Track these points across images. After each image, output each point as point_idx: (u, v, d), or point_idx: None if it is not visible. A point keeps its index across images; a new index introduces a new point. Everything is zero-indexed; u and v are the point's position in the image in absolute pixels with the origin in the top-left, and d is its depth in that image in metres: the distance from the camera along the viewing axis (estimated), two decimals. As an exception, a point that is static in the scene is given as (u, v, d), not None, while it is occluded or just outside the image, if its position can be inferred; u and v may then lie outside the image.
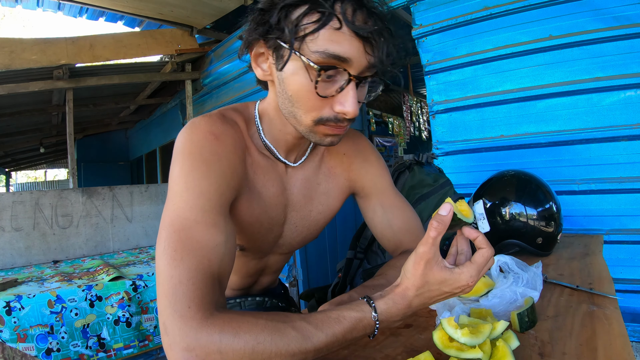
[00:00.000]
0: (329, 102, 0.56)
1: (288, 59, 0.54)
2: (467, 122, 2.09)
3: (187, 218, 0.51)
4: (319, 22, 0.50)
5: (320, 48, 0.51)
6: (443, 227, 0.50)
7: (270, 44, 0.56)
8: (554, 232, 0.97)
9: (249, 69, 0.65)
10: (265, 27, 0.55)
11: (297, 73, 0.54)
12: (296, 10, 0.53)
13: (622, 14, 1.65)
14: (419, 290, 0.51)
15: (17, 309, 1.83)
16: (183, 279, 0.46)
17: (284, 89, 0.57)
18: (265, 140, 0.67)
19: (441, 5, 2.14)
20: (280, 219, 0.73)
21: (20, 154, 7.96)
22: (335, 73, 0.53)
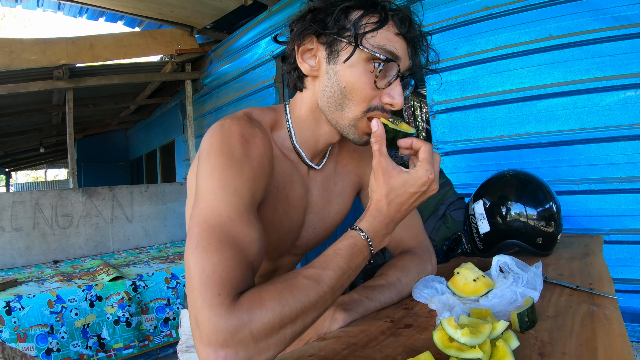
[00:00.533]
0: (378, 94, 0.61)
1: (353, 52, 0.59)
2: (467, 122, 2.09)
3: (222, 215, 0.51)
4: (378, 23, 0.59)
5: (379, 44, 0.59)
6: (380, 138, 0.58)
7: (323, 40, 0.62)
8: (554, 232, 0.97)
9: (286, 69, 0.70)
10: (321, 25, 0.61)
11: (355, 65, 0.60)
12: (353, 12, 0.60)
13: (622, 14, 1.65)
14: (387, 197, 0.57)
15: (17, 309, 1.83)
16: (217, 268, 0.46)
17: (336, 81, 0.62)
18: (296, 144, 0.70)
19: (441, 5, 2.14)
20: (299, 221, 0.74)
21: (20, 154, 7.96)
22: (387, 68, 0.60)
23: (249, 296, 0.46)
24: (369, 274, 1.26)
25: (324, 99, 0.64)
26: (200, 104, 4.37)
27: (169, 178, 5.75)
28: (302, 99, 0.69)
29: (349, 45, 0.59)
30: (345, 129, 0.64)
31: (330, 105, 0.64)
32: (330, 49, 0.61)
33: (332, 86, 0.62)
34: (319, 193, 0.76)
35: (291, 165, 0.70)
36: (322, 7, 0.61)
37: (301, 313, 0.48)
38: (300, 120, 0.69)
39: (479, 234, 1.04)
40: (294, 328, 0.47)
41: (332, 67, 0.62)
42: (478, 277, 0.69)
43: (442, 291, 0.69)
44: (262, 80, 3.40)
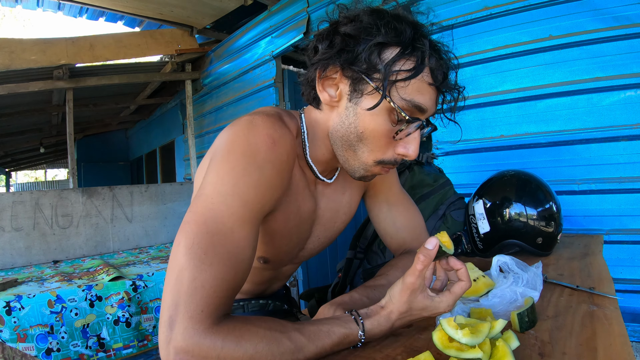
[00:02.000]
0: (393, 144, 0.58)
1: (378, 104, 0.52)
2: (467, 122, 2.09)
3: (224, 224, 0.49)
4: (413, 72, 0.51)
5: (408, 97, 0.53)
6: (429, 260, 0.53)
7: (349, 74, 0.55)
8: (554, 232, 0.97)
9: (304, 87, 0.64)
10: (350, 56, 0.54)
11: (378, 114, 0.54)
12: (388, 49, 0.53)
13: (622, 14, 1.64)
14: (402, 315, 0.56)
15: (17, 308, 1.83)
16: (206, 285, 0.46)
17: (353, 123, 0.57)
18: (308, 158, 0.65)
19: (441, 5, 2.14)
20: (306, 233, 0.74)
21: (20, 154, 7.96)
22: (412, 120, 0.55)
23: (230, 327, 0.47)
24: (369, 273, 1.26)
25: (338, 134, 0.60)
26: (200, 104, 4.36)
27: (169, 178, 5.75)
28: (318, 118, 0.64)
29: (376, 91, 0.53)
30: (353, 170, 0.61)
31: (344, 143, 0.59)
32: (355, 87, 0.55)
33: (350, 126, 0.57)
34: (327, 206, 0.74)
35: (304, 178, 0.68)
36: (354, 35, 0.53)
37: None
38: (315, 137, 0.65)
39: (479, 234, 1.04)
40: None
41: (353, 107, 0.56)
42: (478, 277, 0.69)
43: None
44: (262, 80, 3.40)
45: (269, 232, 0.65)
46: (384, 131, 0.55)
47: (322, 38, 0.57)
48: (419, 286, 0.54)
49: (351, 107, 0.57)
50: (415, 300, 0.54)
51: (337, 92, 0.58)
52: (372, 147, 0.57)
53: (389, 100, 0.53)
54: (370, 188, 0.82)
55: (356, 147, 0.58)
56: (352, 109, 0.56)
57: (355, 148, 0.58)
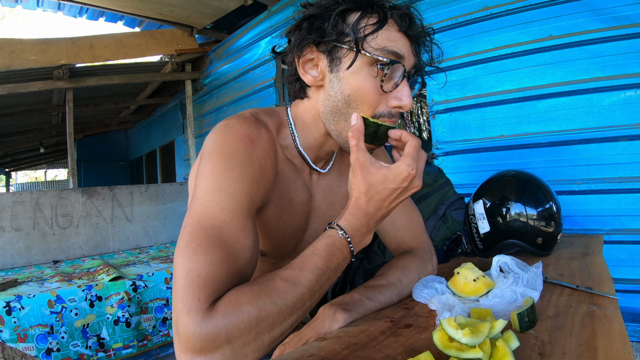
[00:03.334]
0: (384, 98, 0.59)
1: (355, 59, 0.56)
2: (467, 122, 2.09)
3: (216, 218, 0.50)
4: (378, 24, 0.56)
5: (381, 46, 0.56)
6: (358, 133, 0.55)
7: (323, 48, 0.59)
8: (554, 232, 0.97)
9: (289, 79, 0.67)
10: (318, 33, 0.58)
11: (359, 71, 0.57)
12: (350, 15, 0.57)
13: (622, 14, 1.65)
14: (367, 194, 0.55)
15: (17, 309, 1.83)
16: (202, 272, 0.45)
17: (339, 90, 0.59)
18: (300, 147, 0.67)
19: (441, 5, 2.14)
20: (303, 225, 0.73)
21: (20, 154, 7.97)
22: (394, 69, 0.57)
23: (225, 300, 0.45)
24: (369, 273, 1.26)
25: (327, 108, 0.61)
26: (200, 104, 4.37)
27: (169, 178, 5.75)
28: (305, 106, 0.67)
29: (350, 51, 0.57)
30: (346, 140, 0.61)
31: (335, 115, 0.61)
32: (332, 57, 0.59)
33: (336, 95, 0.60)
34: (322, 197, 0.75)
35: (295, 169, 0.69)
36: (318, 14, 0.58)
37: (278, 317, 0.46)
38: (305, 125, 0.67)
39: (479, 234, 1.04)
40: (272, 333, 0.46)
41: (335, 75, 0.59)
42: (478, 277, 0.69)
43: (442, 291, 0.69)
44: (262, 80, 3.40)
45: (264, 225, 0.66)
46: (369, 86, 0.57)
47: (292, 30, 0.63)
48: (365, 161, 0.54)
49: (334, 78, 0.59)
50: (370, 175, 0.54)
51: (319, 70, 0.61)
52: (364, 105, 0.58)
53: (364, 53, 0.56)
54: None
55: (347, 114, 0.60)
56: (336, 78, 0.59)
57: (347, 115, 0.60)
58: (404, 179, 0.54)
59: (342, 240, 0.54)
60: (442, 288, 0.70)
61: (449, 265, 1.02)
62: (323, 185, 0.75)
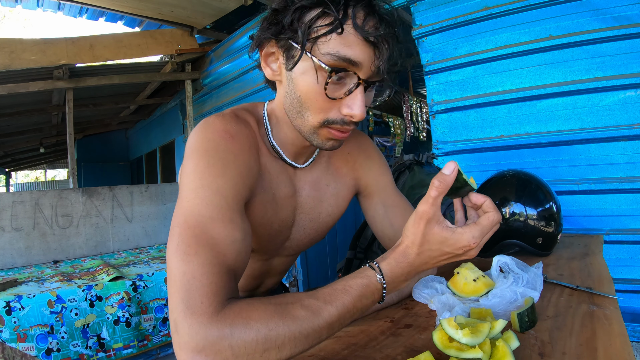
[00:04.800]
0: (336, 104, 0.56)
1: (299, 59, 0.54)
2: (467, 122, 2.09)
3: (202, 215, 0.50)
4: (332, 26, 0.51)
5: (331, 50, 0.52)
6: (444, 187, 0.49)
7: (281, 44, 0.57)
8: (554, 232, 0.97)
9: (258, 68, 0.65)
10: (278, 27, 0.56)
11: (306, 73, 0.55)
12: (309, 12, 0.54)
13: (622, 14, 1.64)
14: (419, 248, 0.51)
15: (17, 309, 1.83)
16: (197, 274, 0.45)
17: (292, 89, 0.58)
18: (273, 142, 0.67)
19: (441, 5, 2.14)
20: (289, 221, 0.72)
21: (20, 154, 7.96)
22: (345, 76, 0.54)
23: (236, 310, 0.44)
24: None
25: (287, 104, 0.61)
26: (200, 104, 4.36)
27: (169, 178, 5.75)
28: (276, 100, 0.67)
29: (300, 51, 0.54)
30: (308, 135, 0.61)
31: (292, 111, 0.60)
32: (287, 55, 0.57)
33: (291, 93, 0.58)
34: (309, 193, 0.74)
35: (277, 163, 0.68)
36: (281, 8, 0.56)
37: (289, 342, 0.45)
38: (277, 120, 0.67)
39: (479, 234, 1.04)
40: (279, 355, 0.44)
41: (289, 74, 0.58)
42: (478, 277, 0.69)
43: (442, 291, 0.69)
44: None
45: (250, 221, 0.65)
46: (316, 90, 0.55)
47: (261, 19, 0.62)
48: (434, 215, 0.50)
49: (289, 75, 0.58)
50: (431, 232, 0.50)
51: (277, 65, 0.61)
52: (313, 108, 0.57)
53: (309, 55, 0.53)
54: (364, 189, 0.82)
55: (302, 113, 0.59)
56: (290, 77, 0.58)
57: (302, 113, 0.59)
58: (462, 247, 0.51)
59: (377, 284, 0.51)
60: (442, 288, 0.70)
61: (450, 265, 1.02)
62: (309, 182, 0.74)
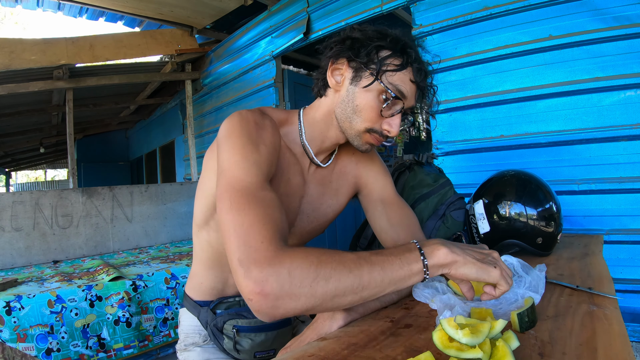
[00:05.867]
0: (380, 120, 0.74)
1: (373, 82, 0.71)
2: (467, 122, 2.09)
3: (245, 181, 0.60)
4: (400, 66, 0.71)
5: (394, 83, 0.71)
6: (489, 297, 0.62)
7: (353, 65, 0.73)
8: (554, 232, 0.97)
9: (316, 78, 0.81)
10: (355, 52, 0.73)
11: (370, 92, 0.72)
12: (383, 51, 0.72)
13: (622, 14, 1.65)
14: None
15: (17, 308, 1.83)
16: (254, 222, 0.54)
17: (352, 99, 0.74)
18: (304, 140, 0.80)
19: (441, 5, 2.14)
20: (295, 208, 0.82)
21: (20, 154, 7.96)
22: (394, 103, 0.73)
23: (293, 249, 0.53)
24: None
25: (340, 109, 0.76)
26: (200, 104, 4.37)
27: (169, 178, 5.75)
28: (320, 104, 0.80)
29: (371, 76, 0.71)
30: (351, 136, 0.77)
31: (343, 116, 0.76)
32: (356, 74, 0.73)
33: (349, 102, 0.74)
34: (315, 187, 0.85)
35: (294, 157, 0.80)
36: (361, 39, 0.73)
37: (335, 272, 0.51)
38: (313, 121, 0.80)
39: (479, 234, 1.04)
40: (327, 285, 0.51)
41: (353, 88, 0.74)
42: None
43: (443, 291, 0.69)
44: (262, 80, 3.40)
45: None
46: (373, 105, 0.72)
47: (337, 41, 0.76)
48: None
49: (351, 89, 0.74)
50: None
51: (342, 78, 0.76)
52: (364, 118, 0.73)
53: (379, 82, 0.71)
54: (364, 187, 0.90)
55: (353, 118, 0.75)
56: (352, 90, 0.74)
57: (352, 119, 0.75)
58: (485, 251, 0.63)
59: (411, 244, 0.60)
60: (442, 287, 0.70)
61: (449, 265, 1.02)
62: (318, 177, 0.85)
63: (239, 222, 0.54)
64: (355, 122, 0.74)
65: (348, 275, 0.52)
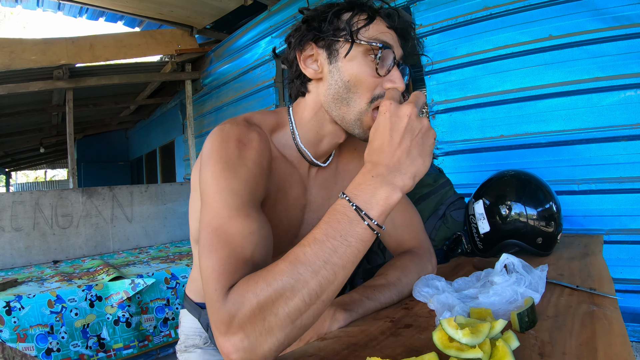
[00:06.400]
0: (380, 81, 0.64)
1: (352, 45, 0.63)
2: (467, 122, 2.09)
3: (222, 216, 0.55)
4: (369, 18, 0.64)
5: (372, 37, 0.63)
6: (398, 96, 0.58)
7: (322, 44, 0.66)
8: (554, 232, 0.97)
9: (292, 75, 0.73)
10: (317, 31, 0.66)
11: (355, 59, 0.64)
12: (344, 14, 0.65)
13: (622, 14, 1.65)
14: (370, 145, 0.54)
15: (17, 308, 1.83)
16: (215, 267, 0.51)
17: (339, 78, 0.65)
18: (300, 144, 0.72)
19: (441, 5, 2.14)
20: (298, 219, 0.75)
21: (20, 154, 7.97)
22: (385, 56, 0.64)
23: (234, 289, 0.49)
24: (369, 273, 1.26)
25: (330, 97, 0.66)
26: (200, 104, 4.37)
27: (169, 178, 5.75)
28: (306, 102, 0.71)
29: (346, 42, 0.63)
30: (351, 123, 0.66)
31: (336, 101, 0.66)
32: (330, 50, 0.65)
33: (337, 83, 0.65)
34: (318, 192, 0.77)
35: (290, 165, 0.72)
36: (315, 16, 0.66)
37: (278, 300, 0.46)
38: (304, 121, 0.71)
39: (479, 234, 1.04)
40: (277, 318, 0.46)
41: (334, 65, 0.65)
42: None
43: (442, 289, 0.69)
44: (262, 80, 3.40)
45: None
46: (365, 71, 0.63)
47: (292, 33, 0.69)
48: None
49: (333, 68, 0.65)
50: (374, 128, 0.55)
51: (318, 64, 0.67)
52: (362, 90, 0.64)
53: (359, 42, 0.63)
54: None
55: (349, 99, 0.65)
56: (335, 68, 0.65)
57: (349, 100, 0.65)
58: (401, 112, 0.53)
59: (341, 201, 0.50)
60: (442, 286, 0.70)
61: (449, 265, 1.02)
62: (319, 181, 0.77)
63: (205, 266, 0.52)
64: (354, 101, 0.64)
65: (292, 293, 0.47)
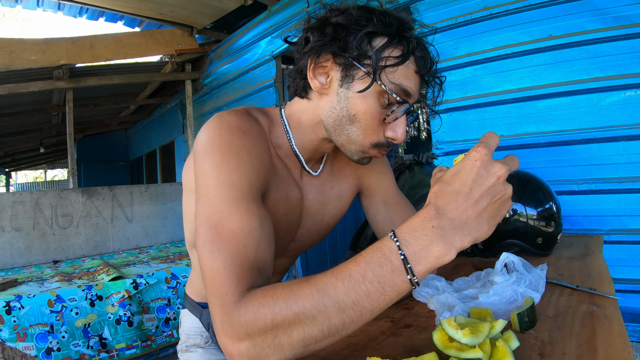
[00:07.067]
0: (382, 127, 0.60)
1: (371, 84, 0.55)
2: (467, 122, 2.09)
3: (221, 211, 0.52)
4: (401, 57, 0.55)
5: (396, 81, 0.56)
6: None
7: (340, 61, 0.58)
8: (554, 232, 0.97)
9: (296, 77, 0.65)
10: (341, 44, 0.56)
11: (369, 97, 0.57)
12: (377, 39, 0.56)
13: (622, 14, 1.65)
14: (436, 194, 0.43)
15: (16, 308, 1.83)
16: (220, 269, 0.48)
17: (346, 107, 0.59)
18: (295, 148, 0.67)
19: (441, 5, 2.14)
20: (296, 223, 0.73)
21: (20, 154, 7.96)
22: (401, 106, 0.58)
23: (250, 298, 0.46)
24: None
25: (330, 119, 0.61)
26: (200, 104, 4.37)
27: (169, 178, 5.75)
28: (304, 107, 0.66)
29: (367, 76, 0.55)
30: (351, 152, 0.63)
31: (337, 128, 0.61)
32: (346, 73, 0.58)
33: (341, 110, 0.59)
34: (314, 197, 0.74)
35: (286, 167, 0.69)
36: (346, 25, 0.56)
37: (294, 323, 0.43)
38: (300, 127, 0.67)
39: (479, 234, 1.04)
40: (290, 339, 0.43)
41: (344, 92, 0.58)
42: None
43: (442, 289, 0.69)
44: (262, 80, 3.40)
45: None
46: (374, 113, 0.57)
47: (313, 29, 0.60)
48: None
49: (342, 92, 0.59)
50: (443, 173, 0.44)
51: (328, 79, 0.60)
52: (365, 129, 0.59)
53: (379, 84, 0.55)
54: (366, 188, 0.82)
55: (349, 131, 0.60)
56: (344, 94, 0.59)
57: (348, 132, 0.60)
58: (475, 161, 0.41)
59: (389, 243, 0.42)
60: (442, 286, 0.70)
61: (449, 265, 1.02)
62: (315, 185, 0.74)
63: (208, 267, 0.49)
64: (355, 135, 0.60)
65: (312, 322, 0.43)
